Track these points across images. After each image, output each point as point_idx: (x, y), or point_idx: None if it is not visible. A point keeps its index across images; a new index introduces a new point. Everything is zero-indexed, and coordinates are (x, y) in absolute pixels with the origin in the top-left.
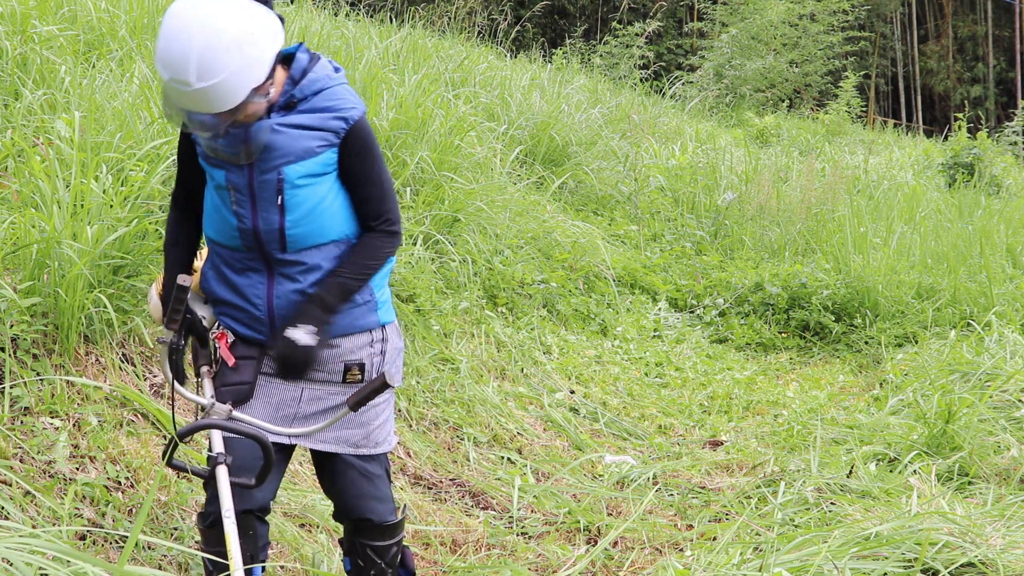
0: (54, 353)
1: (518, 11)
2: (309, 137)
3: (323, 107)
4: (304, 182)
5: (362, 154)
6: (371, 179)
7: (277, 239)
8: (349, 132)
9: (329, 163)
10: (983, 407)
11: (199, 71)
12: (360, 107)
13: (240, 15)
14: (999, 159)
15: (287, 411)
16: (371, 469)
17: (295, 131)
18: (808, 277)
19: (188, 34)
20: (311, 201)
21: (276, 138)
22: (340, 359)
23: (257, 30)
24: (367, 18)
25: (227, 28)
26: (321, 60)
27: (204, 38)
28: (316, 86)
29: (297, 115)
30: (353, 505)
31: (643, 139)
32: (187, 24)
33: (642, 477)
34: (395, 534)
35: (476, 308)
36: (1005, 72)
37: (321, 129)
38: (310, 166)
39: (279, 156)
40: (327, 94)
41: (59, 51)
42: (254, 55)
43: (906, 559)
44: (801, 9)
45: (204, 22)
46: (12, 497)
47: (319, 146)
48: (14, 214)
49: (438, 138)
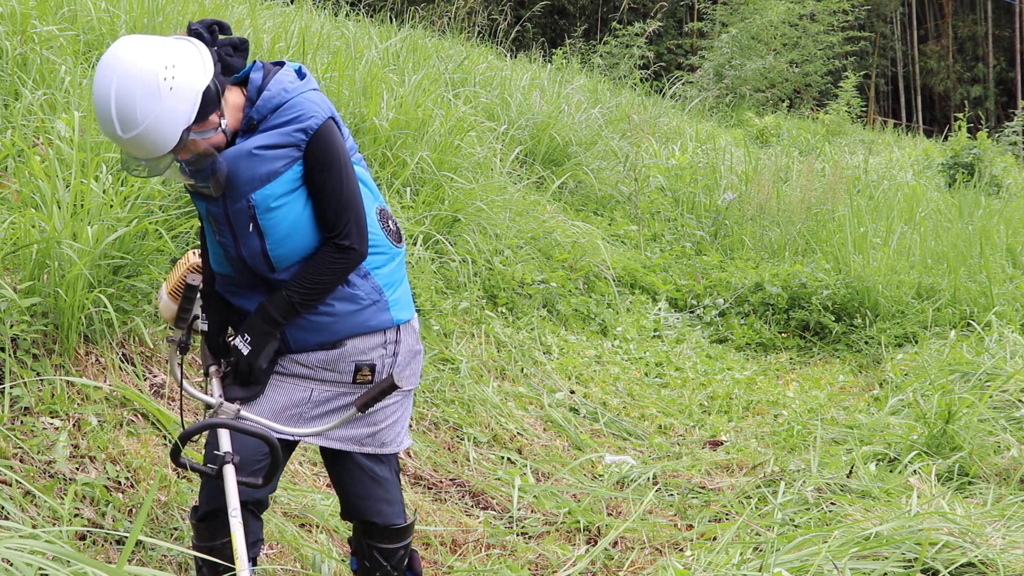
0: (54, 353)
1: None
2: (272, 158)
3: (284, 122)
4: (277, 203)
5: (321, 164)
6: (329, 190)
7: (263, 262)
8: (310, 142)
9: (297, 177)
10: (983, 407)
11: (121, 123)
12: (321, 114)
13: (156, 60)
14: (999, 159)
15: (294, 411)
16: (378, 471)
17: (256, 155)
18: (808, 277)
19: (106, 86)
20: (288, 220)
21: (239, 165)
22: (351, 359)
23: (177, 71)
24: (367, 18)
25: (140, 76)
26: (279, 72)
27: (119, 89)
28: (273, 103)
29: (258, 136)
30: (360, 506)
31: (643, 139)
32: (105, 76)
33: (642, 477)
34: (403, 537)
35: (476, 308)
36: (1005, 72)
37: (284, 145)
38: (278, 187)
39: (245, 183)
40: (286, 108)
41: (59, 51)
42: (174, 98)
43: (906, 559)
44: (801, 9)
45: (120, 72)
46: (12, 497)
47: (284, 164)
48: (14, 214)
49: (438, 138)
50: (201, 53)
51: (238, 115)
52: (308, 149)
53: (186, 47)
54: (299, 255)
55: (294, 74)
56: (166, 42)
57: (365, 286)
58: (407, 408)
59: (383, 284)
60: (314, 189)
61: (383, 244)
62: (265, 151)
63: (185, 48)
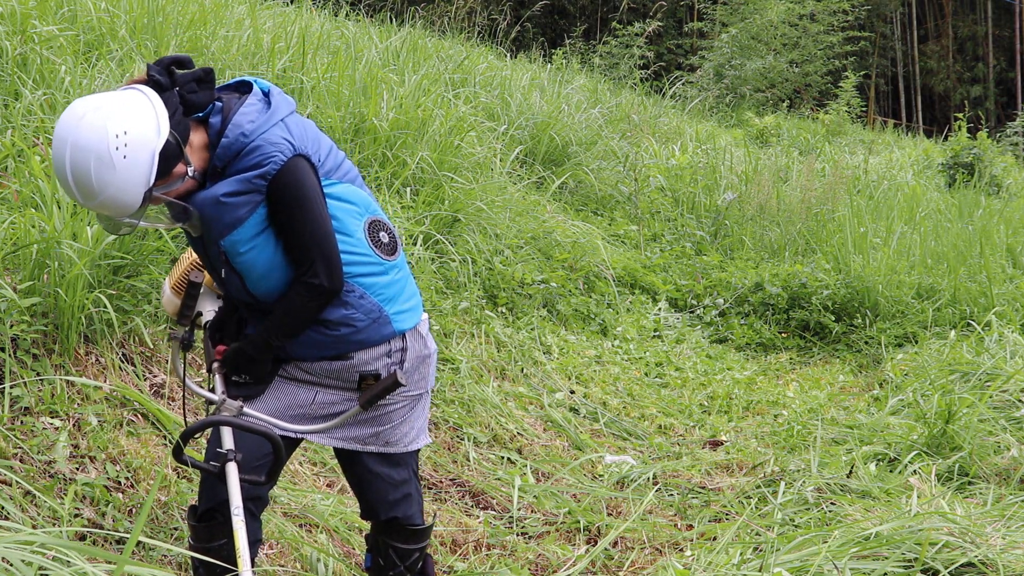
0: (54, 353)
1: (518, 11)
2: (235, 205)
3: (245, 167)
4: (247, 247)
5: (283, 205)
6: (294, 228)
7: (248, 297)
8: (270, 185)
9: (260, 220)
10: (983, 407)
11: (80, 194)
12: (280, 156)
13: (106, 129)
14: (999, 159)
15: (298, 411)
16: (394, 474)
17: (223, 201)
18: (808, 277)
19: (61, 159)
20: (262, 260)
21: (207, 212)
22: (355, 370)
23: (129, 137)
24: (367, 18)
25: (92, 147)
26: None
27: (73, 162)
28: (233, 149)
29: (222, 183)
30: (376, 507)
31: (643, 139)
32: (59, 149)
33: (642, 477)
34: (420, 539)
35: (476, 308)
36: (1005, 72)
37: (246, 192)
38: (245, 232)
39: (216, 230)
40: (246, 153)
41: (59, 51)
42: (129, 164)
43: (906, 559)
44: (801, 9)
45: (72, 144)
46: (12, 497)
47: (247, 211)
48: (14, 214)
49: (438, 138)
50: (155, 107)
51: (205, 154)
52: (269, 191)
53: (138, 104)
54: (282, 289)
55: (257, 107)
56: (116, 104)
57: (363, 306)
58: (419, 410)
59: (381, 301)
60: (279, 227)
61: (374, 261)
62: (229, 198)
63: (137, 105)
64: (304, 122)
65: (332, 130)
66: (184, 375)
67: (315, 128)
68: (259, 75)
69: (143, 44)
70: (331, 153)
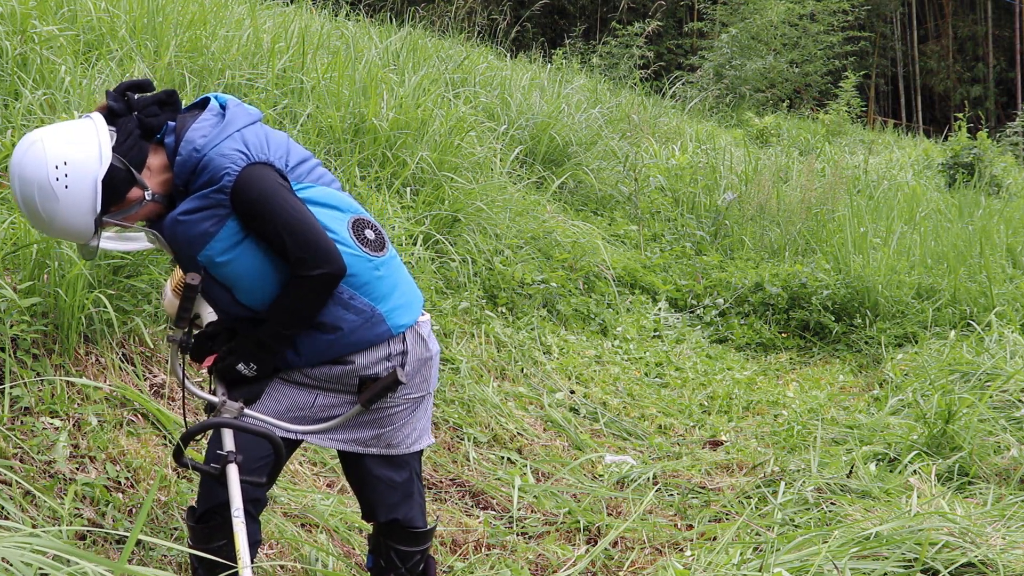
0: (54, 353)
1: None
2: (201, 219)
3: (203, 183)
4: (224, 258)
5: (251, 213)
6: (270, 231)
7: (239, 309)
8: (232, 199)
9: (234, 233)
10: (983, 407)
11: (33, 221)
12: (234, 167)
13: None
14: (999, 159)
15: (298, 413)
16: (393, 475)
17: (188, 218)
18: (808, 277)
19: (13, 191)
20: (244, 270)
21: (177, 230)
22: (355, 374)
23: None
24: (367, 18)
25: (33, 181)
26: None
27: (21, 196)
28: (187, 166)
29: (186, 201)
30: (377, 509)
31: (643, 139)
32: (11, 182)
33: (642, 477)
34: (421, 542)
35: (476, 308)
36: (1005, 72)
37: (207, 207)
38: (218, 244)
39: (187, 247)
40: (201, 168)
41: (59, 51)
42: (72, 195)
43: (906, 559)
44: (801, 9)
45: (18, 179)
46: (12, 497)
47: (213, 224)
48: (14, 214)
49: (438, 138)
50: (99, 135)
51: (167, 175)
52: (233, 205)
53: (81, 133)
54: (270, 297)
55: (210, 121)
56: (58, 136)
57: (354, 307)
58: (421, 412)
59: (373, 300)
60: (258, 233)
61: (362, 258)
62: (190, 216)
63: (80, 135)
64: (268, 131)
65: (332, 130)
66: (183, 377)
67: (283, 137)
68: (259, 75)
69: (143, 44)
70: (304, 161)
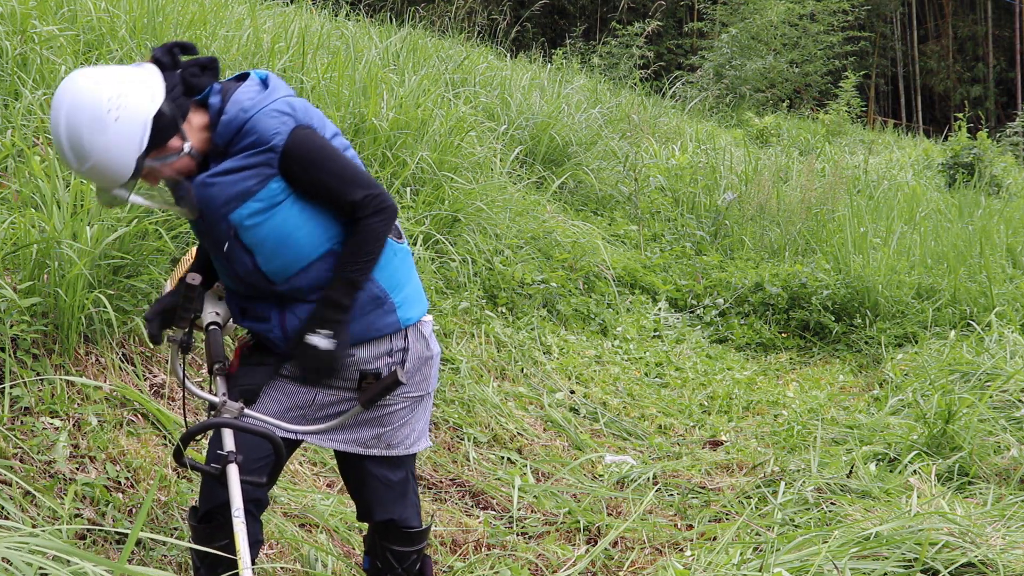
0: (54, 353)
1: (518, 11)
2: (243, 178)
3: (248, 144)
4: (255, 221)
5: (307, 168)
6: (328, 183)
7: (260, 278)
8: (282, 158)
9: (275, 194)
10: (983, 407)
11: (75, 156)
12: (285, 128)
13: (101, 92)
14: (999, 159)
15: (298, 412)
16: (391, 475)
17: (227, 177)
18: (808, 277)
19: (57, 122)
20: (273, 235)
21: (212, 190)
22: (356, 368)
23: (122, 101)
24: (367, 18)
25: (86, 109)
26: (239, 90)
27: (66, 124)
28: (233, 126)
29: (228, 160)
30: (373, 509)
31: (643, 139)
32: (55, 112)
33: (642, 477)
34: (417, 541)
35: (476, 308)
36: (1005, 72)
37: (252, 167)
38: (254, 204)
39: (221, 206)
40: (248, 128)
41: (59, 51)
42: (121, 128)
43: (906, 559)
44: (801, 9)
45: (67, 106)
46: (12, 497)
47: (256, 183)
48: (14, 214)
49: (438, 138)
50: (152, 80)
51: (205, 135)
52: (284, 164)
53: (136, 75)
54: (294, 267)
55: (256, 86)
56: (114, 72)
57: (369, 288)
58: (421, 412)
59: (387, 285)
60: (314, 190)
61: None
62: (235, 173)
63: (134, 76)
64: (306, 103)
65: None
66: (184, 377)
67: (319, 111)
68: None
69: (143, 44)
70: (336, 135)
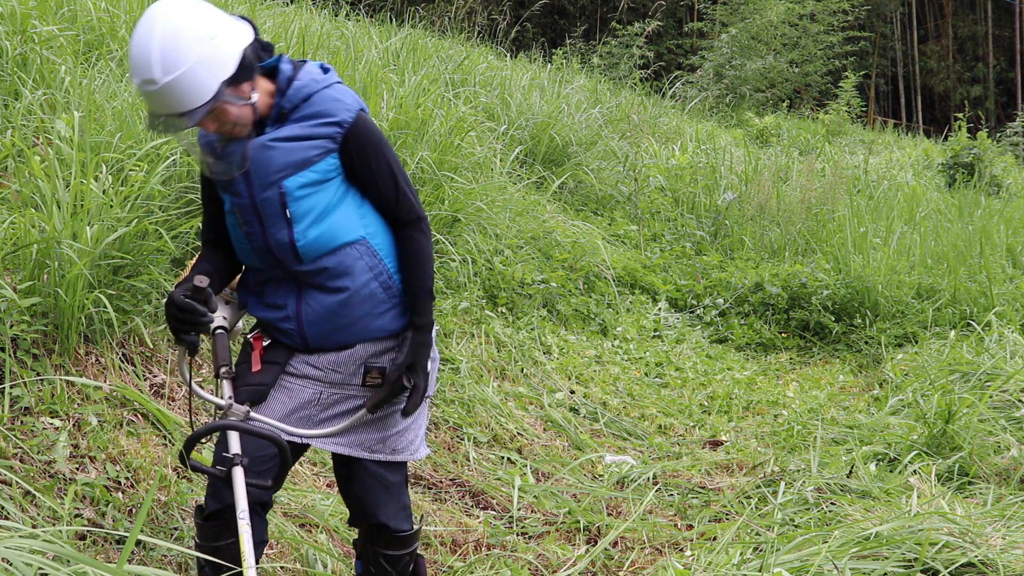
0: (54, 353)
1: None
2: (304, 147)
3: (314, 113)
4: (305, 192)
5: (366, 154)
6: (382, 176)
7: (290, 252)
8: (347, 135)
9: (330, 169)
10: (983, 407)
11: (163, 65)
12: (354, 107)
13: (200, 13)
14: (999, 159)
15: (303, 413)
16: (389, 477)
17: (288, 144)
18: (808, 277)
19: (150, 31)
20: (317, 209)
21: (271, 153)
22: (360, 362)
23: (219, 26)
24: (367, 18)
25: (186, 22)
26: (307, 65)
27: (164, 31)
28: (303, 92)
29: (289, 126)
30: (369, 511)
31: (643, 139)
32: (150, 23)
33: (642, 477)
34: (409, 544)
35: (476, 308)
36: (1005, 72)
37: (315, 137)
38: (309, 175)
39: (276, 171)
40: (316, 99)
41: (59, 51)
42: (215, 46)
43: (906, 559)
44: (801, 9)
45: (165, 19)
46: (12, 497)
47: (316, 155)
48: (14, 214)
49: (438, 138)
50: (243, 24)
51: (267, 101)
52: (346, 142)
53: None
54: (326, 246)
55: (318, 69)
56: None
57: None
58: (421, 417)
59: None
60: (364, 178)
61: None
62: (297, 141)
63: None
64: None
65: None
66: (190, 380)
67: None
68: None
69: None
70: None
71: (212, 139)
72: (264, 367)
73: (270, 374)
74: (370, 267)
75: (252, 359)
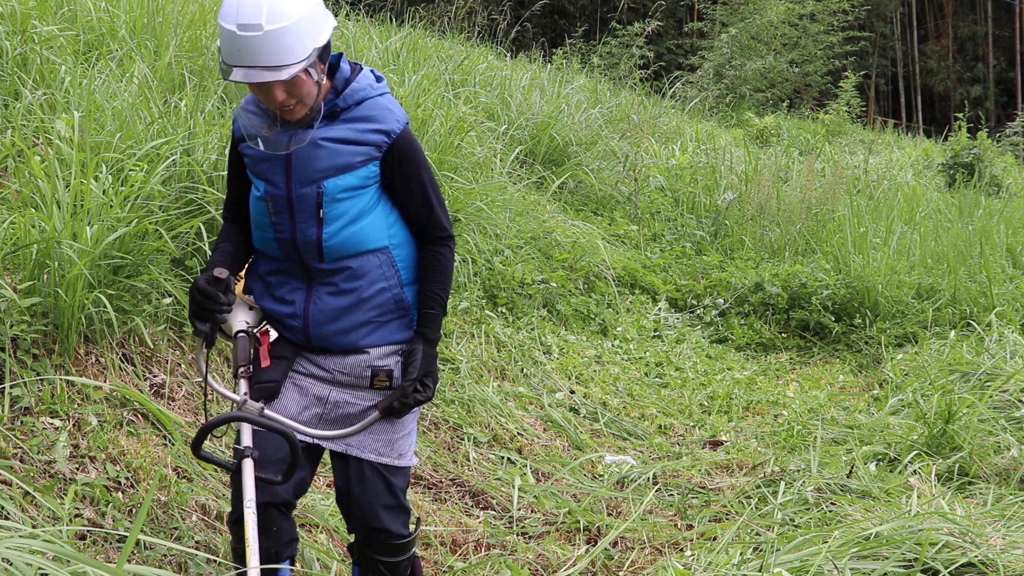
0: (54, 353)
1: (518, 11)
2: (350, 152)
3: (364, 118)
4: (344, 195)
5: (406, 167)
6: (418, 190)
7: (314, 250)
8: (392, 145)
9: (370, 176)
10: (983, 407)
11: (271, 12)
12: (402, 119)
13: None
14: (999, 159)
15: (315, 410)
16: (393, 480)
17: (336, 145)
18: (808, 277)
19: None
20: (350, 213)
21: (317, 152)
22: (367, 364)
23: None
24: (367, 18)
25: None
26: (364, 70)
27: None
28: (358, 96)
29: (339, 126)
30: (370, 515)
31: (643, 139)
32: None
33: (642, 477)
34: (407, 550)
35: (476, 308)
36: (1005, 72)
37: (362, 143)
38: (350, 179)
39: (320, 169)
40: (369, 105)
41: (59, 51)
42: (318, 12)
43: (906, 559)
44: (801, 9)
45: None
46: (12, 497)
47: (360, 160)
48: (14, 214)
49: (438, 138)
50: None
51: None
52: (390, 152)
53: None
54: (350, 250)
55: (373, 76)
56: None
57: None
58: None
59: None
60: (400, 190)
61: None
62: (344, 144)
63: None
64: None
65: None
66: (206, 372)
67: None
68: None
69: (143, 44)
70: None
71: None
72: (273, 362)
73: (279, 370)
74: (385, 276)
75: (260, 354)
